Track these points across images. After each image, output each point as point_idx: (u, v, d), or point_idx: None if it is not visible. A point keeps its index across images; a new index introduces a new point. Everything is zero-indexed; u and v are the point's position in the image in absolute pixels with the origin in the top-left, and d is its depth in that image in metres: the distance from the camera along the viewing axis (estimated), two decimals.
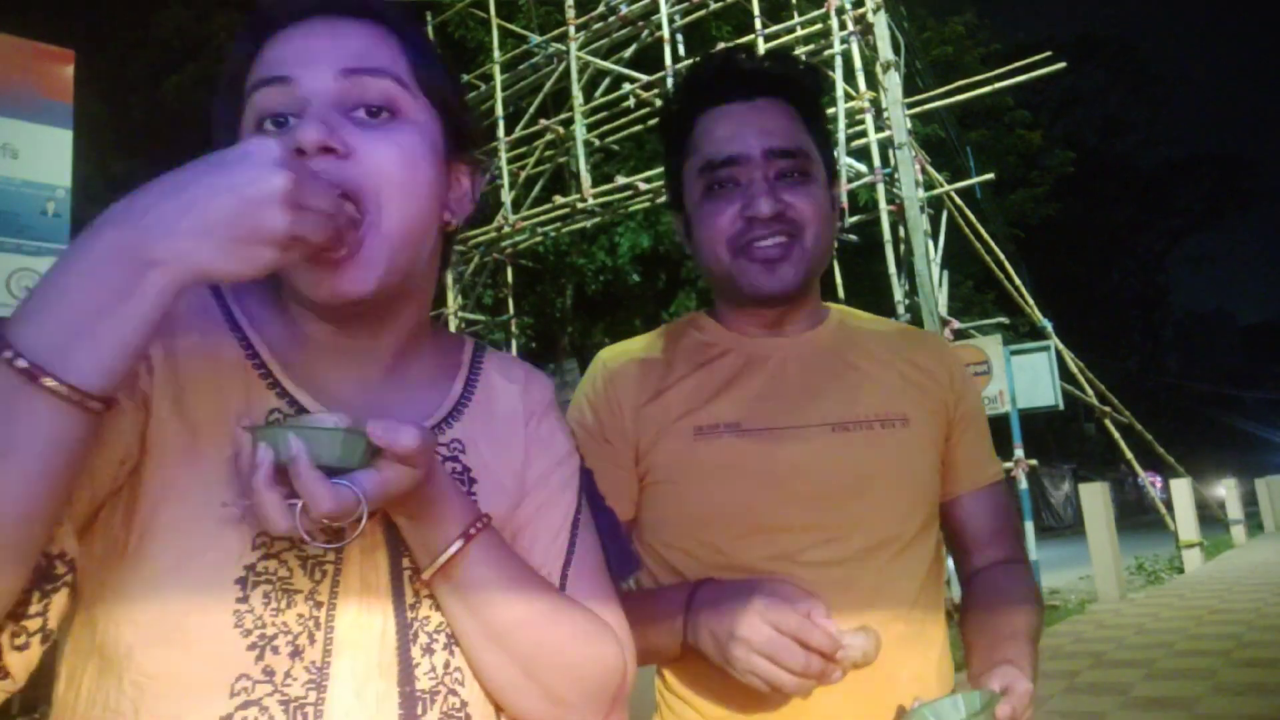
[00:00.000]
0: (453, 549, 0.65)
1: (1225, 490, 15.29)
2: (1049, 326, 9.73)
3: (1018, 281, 9.83)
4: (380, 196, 0.65)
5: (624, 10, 9.75)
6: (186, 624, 0.60)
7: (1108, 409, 11.09)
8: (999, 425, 8.95)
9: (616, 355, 1.16)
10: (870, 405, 1.08)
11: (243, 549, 0.63)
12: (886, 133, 8.20)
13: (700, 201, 1.08)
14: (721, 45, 8.82)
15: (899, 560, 1.05)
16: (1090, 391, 10.84)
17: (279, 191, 0.52)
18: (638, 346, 1.17)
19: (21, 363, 0.48)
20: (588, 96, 10.11)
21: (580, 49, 10.02)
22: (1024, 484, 8.31)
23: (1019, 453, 8.30)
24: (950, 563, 1.21)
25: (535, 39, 10.65)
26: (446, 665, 0.69)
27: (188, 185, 0.53)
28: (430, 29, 11.58)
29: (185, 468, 0.63)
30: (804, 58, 8.95)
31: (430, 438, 0.60)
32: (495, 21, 10.81)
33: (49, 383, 0.49)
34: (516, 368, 0.86)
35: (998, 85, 8.57)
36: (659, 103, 9.48)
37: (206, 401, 0.65)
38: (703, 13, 9.73)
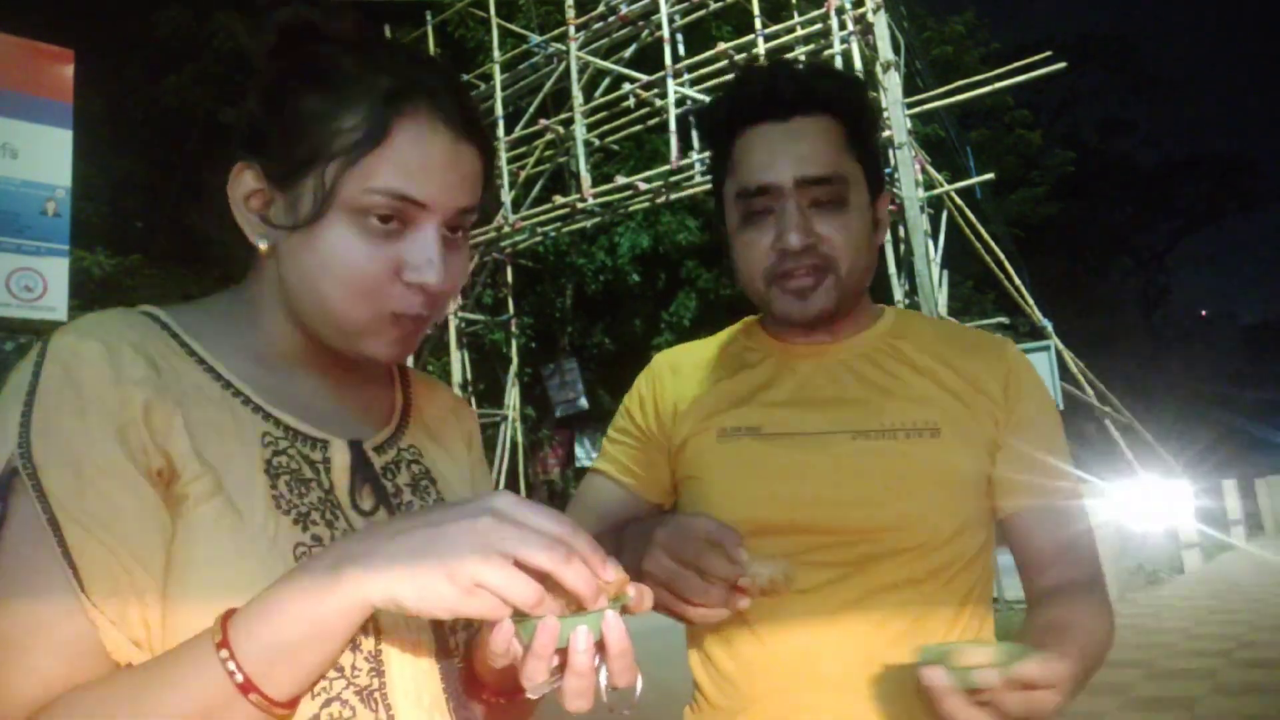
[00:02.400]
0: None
1: (1225, 490, 15.28)
2: (1049, 326, 9.73)
3: (1018, 281, 9.82)
4: (446, 303, 0.74)
5: (624, 10, 9.75)
6: None
7: (1108, 409, 11.09)
8: None
9: (671, 357, 1.24)
10: (898, 414, 1.06)
11: (287, 564, 0.65)
12: (886, 133, 8.20)
13: (738, 228, 1.08)
14: (723, 46, 8.83)
15: (913, 566, 1.02)
16: (1090, 391, 10.83)
17: (474, 539, 0.56)
18: (693, 350, 1.23)
19: (239, 676, 0.56)
20: (588, 96, 10.11)
21: (580, 49, 10.01)
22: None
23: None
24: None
25: (535, 39, 10.65)
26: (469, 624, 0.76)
27: (406, 522, 0.59)
28: (430, 29, 11.59)
29: (210, 505, 0.65)
30: (804, 58, 8.96)
31: None
32: (495, 21, 10.81)
33: (254, 698, 0.57)
34: (440, 389, 0.92)
35: (998, 85, 8.57)
36: (659, 103, 9.49)
37: (211, 439, 0.67)
38: (703, 13, 9.74)
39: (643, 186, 9.40)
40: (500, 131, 10.56)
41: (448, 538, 0.56)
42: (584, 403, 12.33)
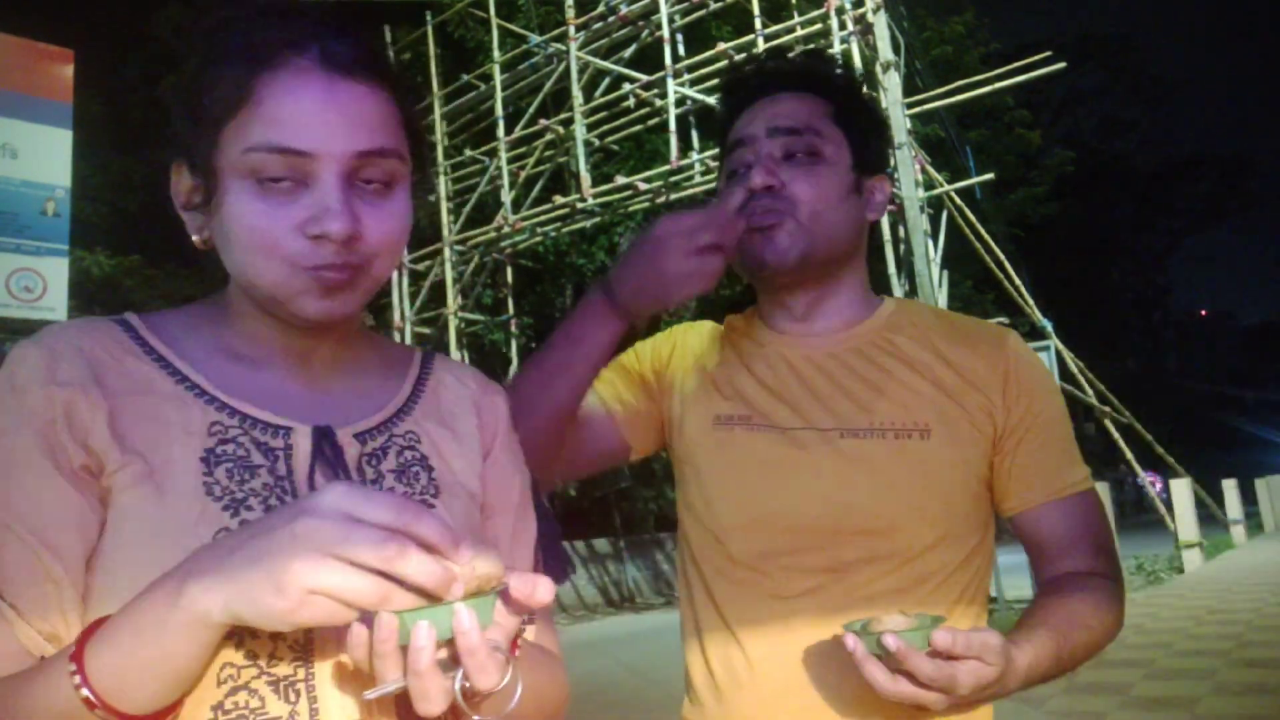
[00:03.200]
0: (516, 699, 0.64)
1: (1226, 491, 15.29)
2: (1049, 326, 9.74)
3: (1018, 281, 9.83)
4: (377, 260, 0.72)
5: (624, 10, 9.75)
6: None
7: (1108, 409, 11.09)
8: None
9: (687, 330, 1.24)
10: (888, 413, 1.05)
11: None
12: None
13: (723, 188, 1.13)
14: (723, 46, 8.83)
15: (902, 569, 1.01)
16: (1090, 391, 10.84)
17: (299, 541, 0.54)
18: (705, 331, 1.24)
19: (85, 693, 0.56)
20: (588, 96, 10.11)
21: (580, 49, 10.02)
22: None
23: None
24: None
25: (535, 39, 10.66)
26: None
27: (244, 530, 0.58)
28: (430, 29, 11.59)
29: (137, 491, 0.65)
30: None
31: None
32: (495, 21, 10.82)
33: (100, 714, 0.57)
34: (468, 372, 0.90)
35: (998, 85, 8.58)
36: (659, 103, 9.49)
37: (144, 430, 0.67)
38: (703, 13, 9.74)
39: (643, 186, 9.40)
40: (500, 131, 10.57)
41: (273, 546, 0.54)
42: None
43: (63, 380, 0.66)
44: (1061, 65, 8.39)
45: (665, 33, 9.34)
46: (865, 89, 1.22)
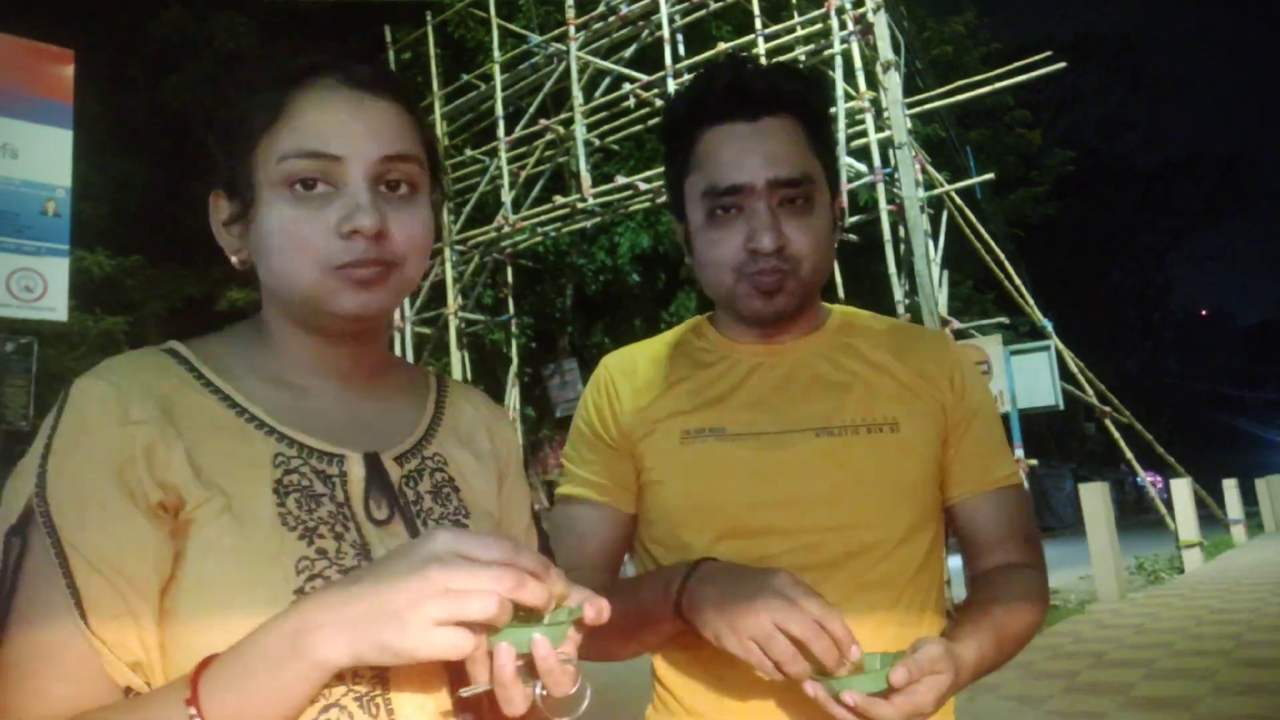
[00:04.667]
0: (579, 684, 0.71)
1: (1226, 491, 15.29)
2: (1049, 326, 9.74)
3: (1018, 281, 9.83)
4: (407, 261, 0.77)
5: (624, 10, 9.75)
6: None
7: (1108, 409, 11.09)
8: None
9: (620, 359, 1.20)
10: (858, 410, 1.09)
11: (287, 576, 0.68)
12: (886, 133, 8.21)
13: (704, 225, 1.09)
14: (723, 46, 8.83)
15: (882, 565, 1.05)
16: (1090, 391, 10.84)
17: (424, 584, 0.59)
18: (641, 351, 1.21)
19: None
20: (588, 96, 10.11)
21: (580, 49, 10.02)
22: (1024, 484, 8.30)
23: (1019, 453, 8.29)
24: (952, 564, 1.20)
25: (535, 39, 10.65)
26: None
27: (357, 579, 0.62)
28: (430, 29, 11.59)
29: (217, 524, 0.69)
30: (804, 58, 8.94)
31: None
32: (495, 21, 10.81)
33: None
34: (477, 395, 0.95)
35: (998, 85, 8.57)
36: (659, 103, 9.48)
37: (219, 464, 0.71)
38: (703, 13, 9.73)
39: (643, 186, 9.40)
40: (500, 131, 10.57)
41: (398, 594, 0.59)
42: None
43: (136, 418, 0.69)
44: (1061, 65, 8.38)
45: (665, 33, 9.34)
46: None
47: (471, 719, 0.73)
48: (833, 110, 7.89)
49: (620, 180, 9.40)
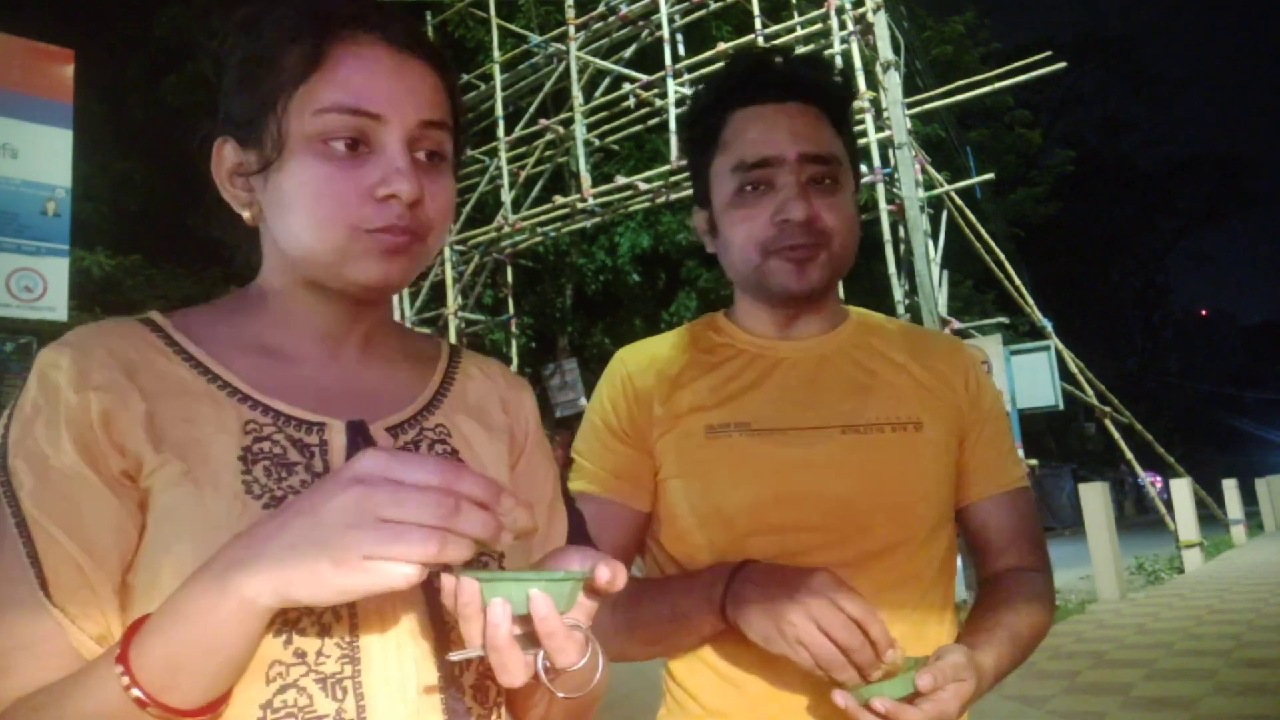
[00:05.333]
0: (600, 675, 0.66)
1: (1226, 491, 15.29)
2: (1049, 326, 9.74)
3: (1018, 281, 9.83)
4: (432, 232, 0.74)
5: (624, 10, 9.75)
6: None
7: (1108, 409, 11.09)
8: None
9: (636, 354, 1.18)
10: (883, 409, 1.09)
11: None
12: (886, 133, 8.21)
13: (731, 203, 1.09)
14: (723, 46, 8.83)
15: (904, 564, 1.05)
16: (1090, 391, 10.84)
17: (346, 509, 0.54)
18: (656, 346, 1.19)
19: (135, 692, 0.56)
20: (588, 96, 10.11)
21: (580, 49, 10.02)
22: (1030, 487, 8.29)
23: (1019, 453, 8.29)
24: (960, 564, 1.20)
25: (535, 39, 10.66)
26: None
27: (286, 508, 0.57)
28: (430, 29, 11.59)
29: (177, 491, 0.65)
30: None
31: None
32: (495, 21, 10.81)
33: (154, 712, 0.57)
34: (494, 366, 0.90)
35: (998, 85, 8.58)
36: (659, 102, 9.49)
37: (180, 430, 0.67)
38: (703, 13, 9.74)
39: (643, 186, 9.40)
40: (500, 131, 10.57)
41: (322, 520, 0.54)
42: (584, 403, 12.31)
43: (97, 384, 0.66)
44: (1061, 65, 8.39)
45: (665, 33, 9.34)
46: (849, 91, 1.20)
47: (455, 694, 0.69)
48: None
49: (620, 180, 9.40)
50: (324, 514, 0.54)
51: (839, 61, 8.16)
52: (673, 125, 9.00)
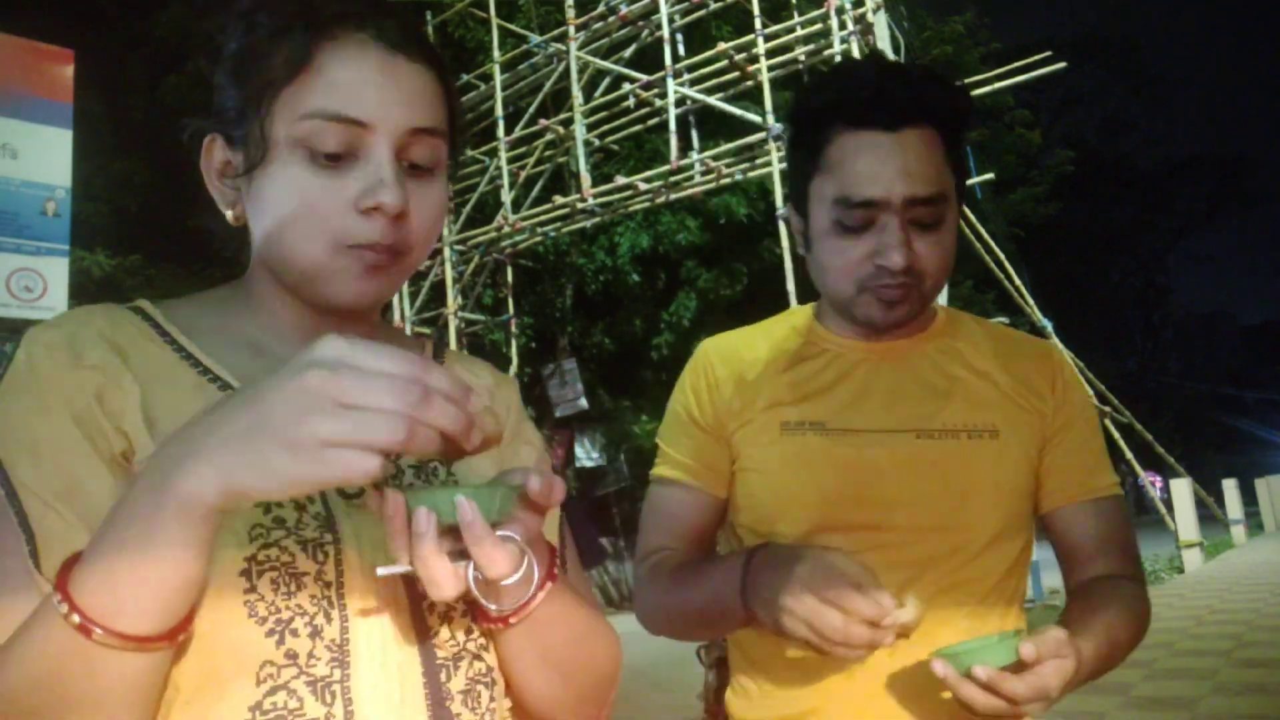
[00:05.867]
0: (543, 594, 0.65)
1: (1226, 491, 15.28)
2: (1049, 326, 9.73)
3: (1018, 281, 9.83)
4: (415, 249, 0.71)
5: (624, 10, 9.75)
6: (200, 625, 0.60)
7: (1108, 409, 11.09)
8: None
9: (720, 345, 1.20)
10: (960, 415, 1.09)
11: (240, 542, 0.63)
12: None
13: (830, 231, 1.06)
14: (723, 46, 8.81)
15: (968, 567, 1.05)
16: (1090, 391, 10.83)
17: (303, 392, 0.49)
18: (740, 339, 1.20)
19: (75, 619, 0.52)
20: (588, 96, 10.11)
21: (580, 49, 10.01)
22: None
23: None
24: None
25: (535, 39, 10.65)
26: (470, 631, 0.70)
27: (227, 400, 0.53)
28: (430, 29, 11.58)
29: None
30: (804, 58, 8.91)
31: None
32: (495, 21, 10.81)
33: (99, 637, 0.52)
34: (480, 365, 0.89)
35: (998, 85, 8.58)
36: (659, 102, 9.49)
37: (172, 419, 0.64)
38: (703, 13, 9.73)
39: (643, 186, 9.39)
40: (500, 131, 10.56)
41: (277, 407, 0.49)
42: (584, 403, 12.32)
43: (90, 363, 0.64)
44: (1061, 65, 8.39)
45: (665, 33, 9.34)
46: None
47: (442, 701, 0.67)
48: None
49: (620, 180, 9.40)
50: (277, 399, 0.49)
51: (839, 62, 8.16)
52: (673, 125, 9.00)
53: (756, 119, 8.59)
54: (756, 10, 8.87)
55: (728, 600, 0.98)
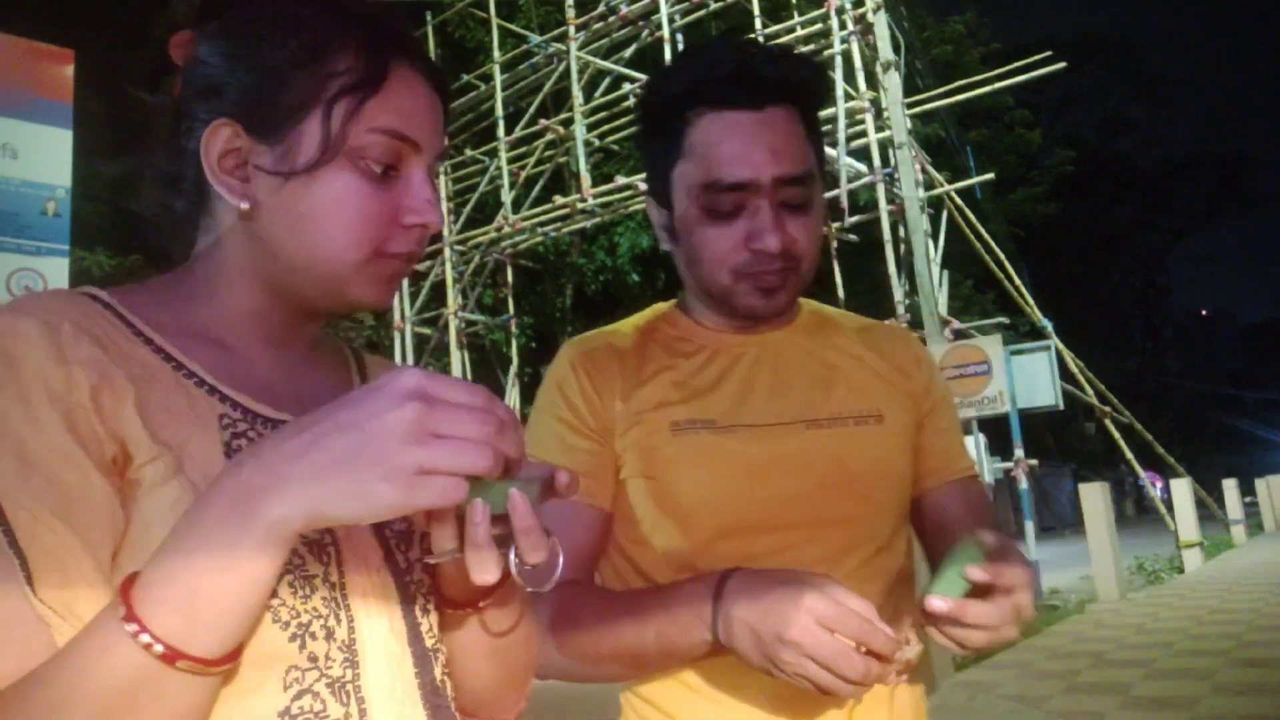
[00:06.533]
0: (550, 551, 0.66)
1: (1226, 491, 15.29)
2: (1049, 326, 9.74)
3: (1018, 281, 9.83)
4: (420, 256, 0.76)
5: (624, 10, 9.76)
6: None
7: (1108, 409, 11.09)
8: (999, 425, 8.96)
9: (589, 345, 1.10)
10: (845, 402, 1.06)
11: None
12: (886, 133, 8.21)
13: (699, 219, 1.02)
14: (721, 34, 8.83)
15: (878, 559, 1.03)
16: (1090, 391, 10.83)
17: (404, 423, 0.51)
18: (610, 337, 1.12)
19: (158, 648, 0.51)
20: (588, 96, 10.12)
21: (580, 49, 10.02)
22: (1024, 484, 8.30)
23: (1019, 453, 8.30)
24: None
25: (535, 39, 10.66)
26: (439, 624, 0.73)
27: (313, 422, 0.53)
28: (430, 29, 11.59)
29: (170, 487, 0.61)
30: None
31: None
32: (495, 21, 10.82)
33: (183, 664, 0.51)
34: (392, 366, 0.89)
35: (998, 85, 8.59)
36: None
37: (165, 420, 0.63)
38: (703, 13, 9.75)
39: (643, 186, 9.39)
40: (500, 131, 10.57)
41: (378, 437, 0.51)
42: None
43: (75, 359, 0.59)
44: (1061, 65, 8.39)
45: (665, 33, 9.35)
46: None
47: (438, 691, 0.69)
48: (832, 111, 7.89)
49: (620, 180, 9.41)
50: (377, 429, 0.51)
51: (839, 61, 8.17)
52: None
53: None
54: (756, 10, 8.89)
55: (690, 634, 0.90)
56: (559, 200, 10.04)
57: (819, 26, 8.67)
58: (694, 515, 1.01)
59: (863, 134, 8.25)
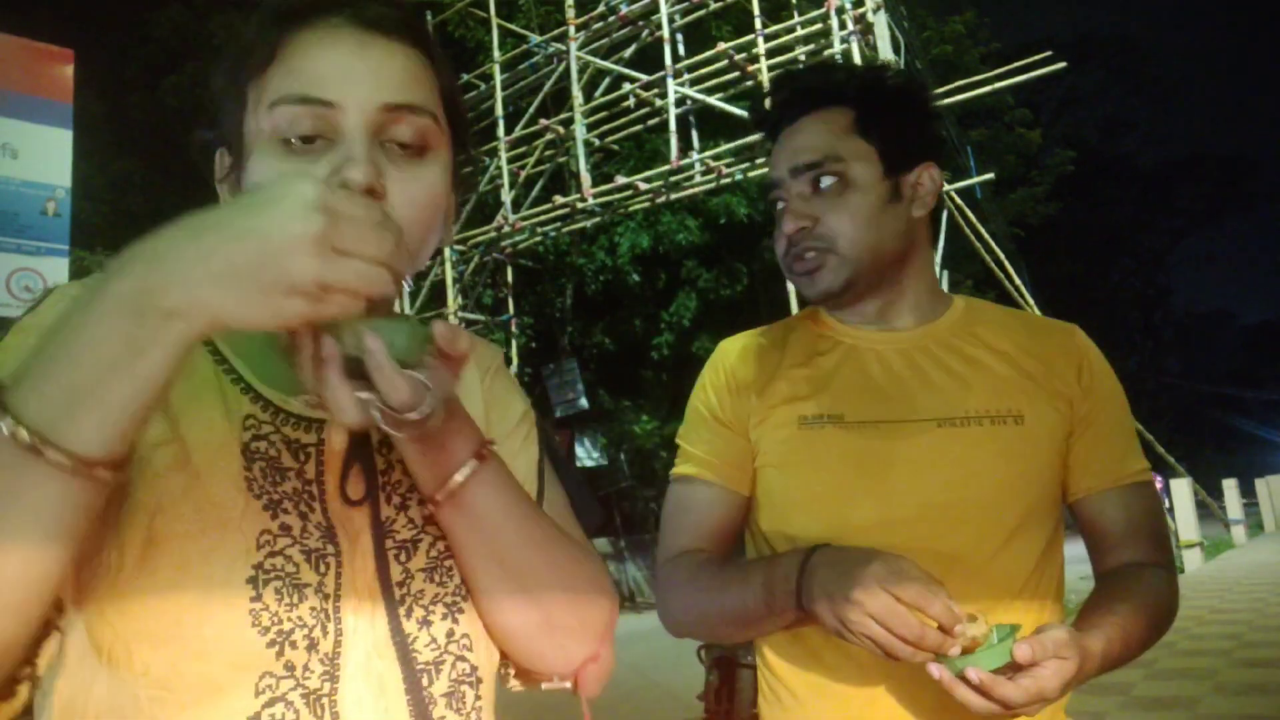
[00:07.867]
0: (467, 469, 0.65)
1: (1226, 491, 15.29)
2: None
3: (1018, 281, 9.83)
4: (405, 229, 0.63)
5: (624, 10, 9.75)
6: (203, 631, 0.60)
7: None
8: None
9: (737, 344, 1.21)
10: (982, 401, 1.07)
11: (248, 548, 0.62)
12: None
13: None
14: (723, 45, 8.82)
15: (1000, 556, 1.03)
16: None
17: (309, 236, 0.49)
18: (757, 337, 1.21)
19: (23, 435, 0.47)
20: (588, 96, 10.11)
21: (580, 49, 10.02)
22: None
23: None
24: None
25: (535, 39, 10.66)
26: (450, 634, 0.70)
27: (210, 228, 0.50)
28: (430, 28, 11.58)
29: (177, 477, 0.62)
30: (804, 58, 8.91)
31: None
32: (495, 21, 10.81)
33: (52, 455, 0.48)
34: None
35: (998, 85, 8.58)
36: (659, 102, 9.49)
37: (186, 411, 0.64)
38: (703, 13, 9.74)
39: (643, 186, 9.40)
40: (500, 131, 10.56)
41: (281, 248, 0.49)
42: (584, 403, 12.33)
43: None
44: (1061, 65, 8.39)
45: (665, 33, 9.34)
46: (898, 83, 1.19)
47: (425, 705, 0.67)
48: None
49: (620, 180, 9.40)
50: (281, 240, 0.49)
51: (839, 62, 8.16)
52: (673, 125, 9.01)
53: None
54: (756, 10, 8.88)
55: (778, 600, 0.97)
56: (559, 200, 10.03)
57: (819, 26, 8.67)
58: (815, 506, 1.06)
59: None
